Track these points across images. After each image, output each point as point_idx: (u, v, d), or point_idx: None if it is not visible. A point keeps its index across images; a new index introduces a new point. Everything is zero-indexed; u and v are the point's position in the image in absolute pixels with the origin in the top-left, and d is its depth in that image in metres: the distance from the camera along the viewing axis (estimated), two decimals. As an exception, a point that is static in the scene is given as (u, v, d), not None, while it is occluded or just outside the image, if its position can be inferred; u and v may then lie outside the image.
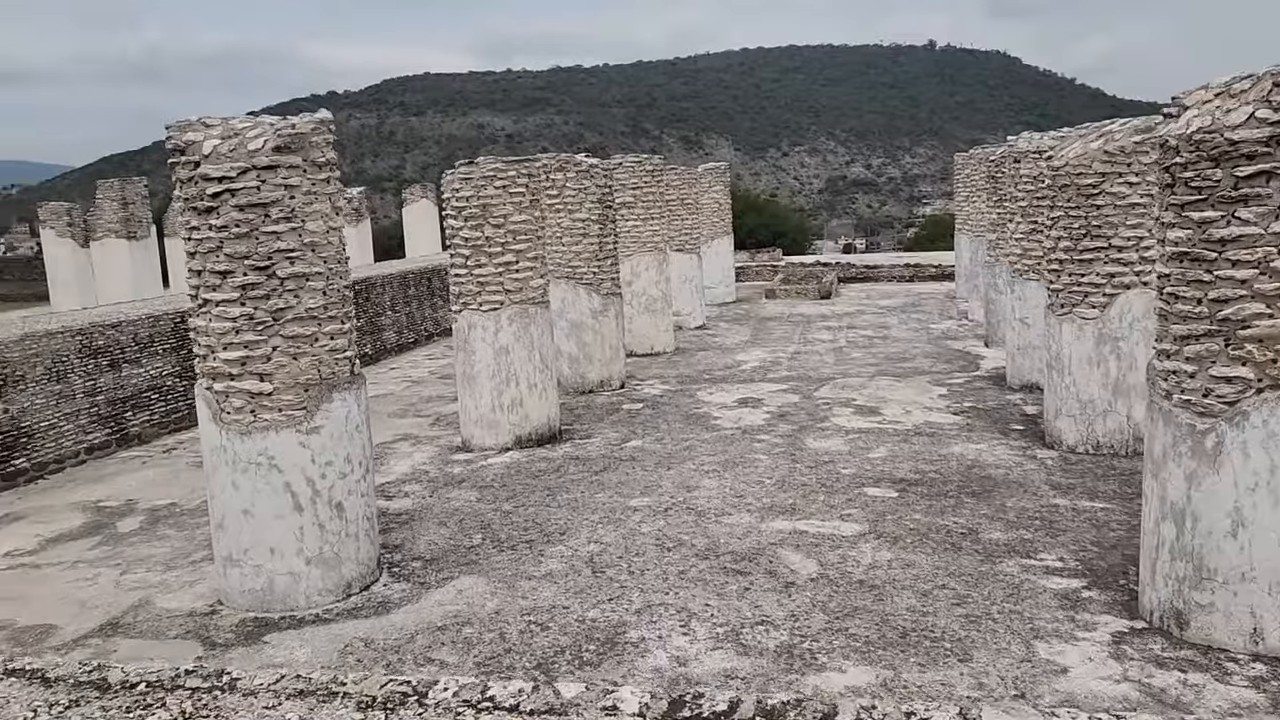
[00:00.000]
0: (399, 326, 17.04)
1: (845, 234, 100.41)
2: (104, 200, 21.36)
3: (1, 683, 2.15)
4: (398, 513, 7.73)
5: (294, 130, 5.92)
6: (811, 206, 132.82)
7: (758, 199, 48.33)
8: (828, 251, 51.24)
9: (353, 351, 6.25)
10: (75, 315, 11.76)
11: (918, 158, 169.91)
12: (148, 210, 22.14)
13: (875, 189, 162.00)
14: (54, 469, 9.45)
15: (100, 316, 11.01)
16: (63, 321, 10.62)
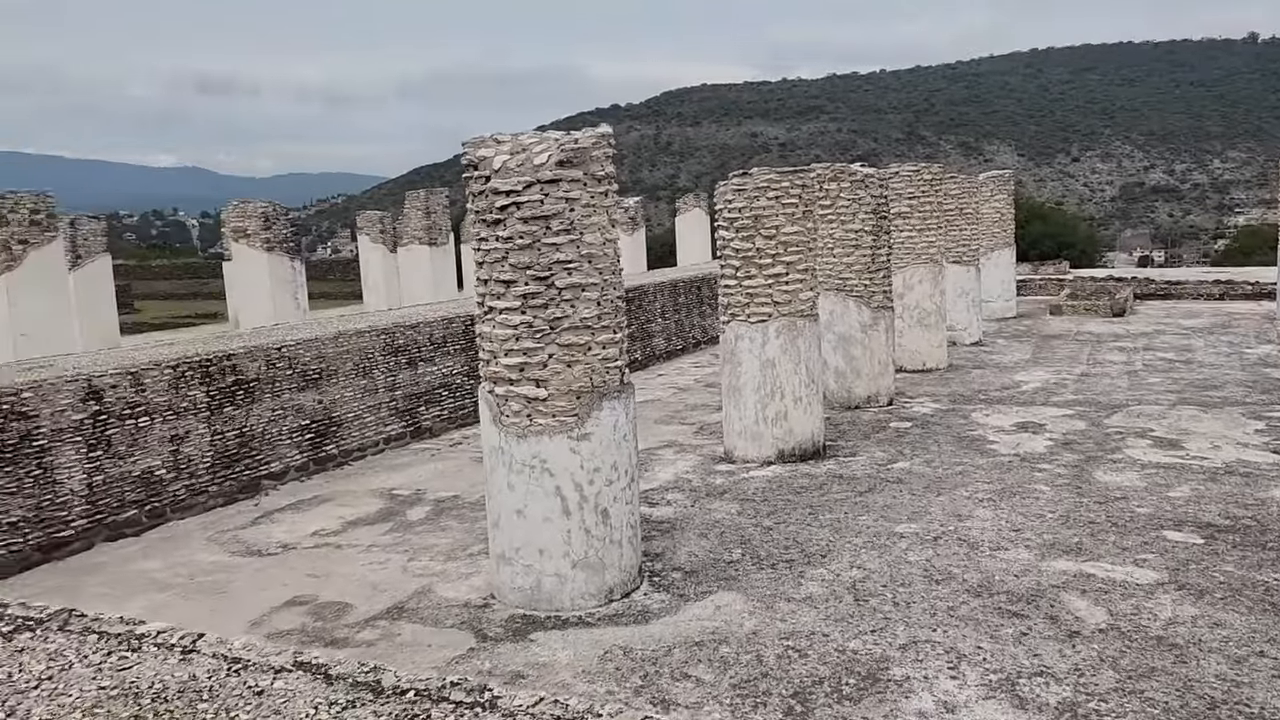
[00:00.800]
0: (668, 334, 17.38)
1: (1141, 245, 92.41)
2: (410, 209, 23.34)
3: (290, 675, 2.29)
4: (659, 520, 7.82)
5: (576, 145, 6.12)
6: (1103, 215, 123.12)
7: (1043, 207, 45.36)
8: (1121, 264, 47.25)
9: (623, 361, 6.38)
10: (381, 315, 12.88)
11: (1230, 162, 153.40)
12: (447, 219, 23.95)
13: (1177, 196, 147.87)
14: (356, 456, 10.37)
15: (401, 317, 11.98)
16: (370, 321, 11.64)
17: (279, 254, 16.72)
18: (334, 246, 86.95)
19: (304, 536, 7.90)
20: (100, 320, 18.67)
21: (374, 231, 24.47)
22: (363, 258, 25.20)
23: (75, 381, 7.73)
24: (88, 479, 7.75)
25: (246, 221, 16.60)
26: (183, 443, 8.52)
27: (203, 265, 51.16)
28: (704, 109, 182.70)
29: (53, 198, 13.68)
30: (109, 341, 17.64)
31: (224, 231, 18.69)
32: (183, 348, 9.51)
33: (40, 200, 13.54)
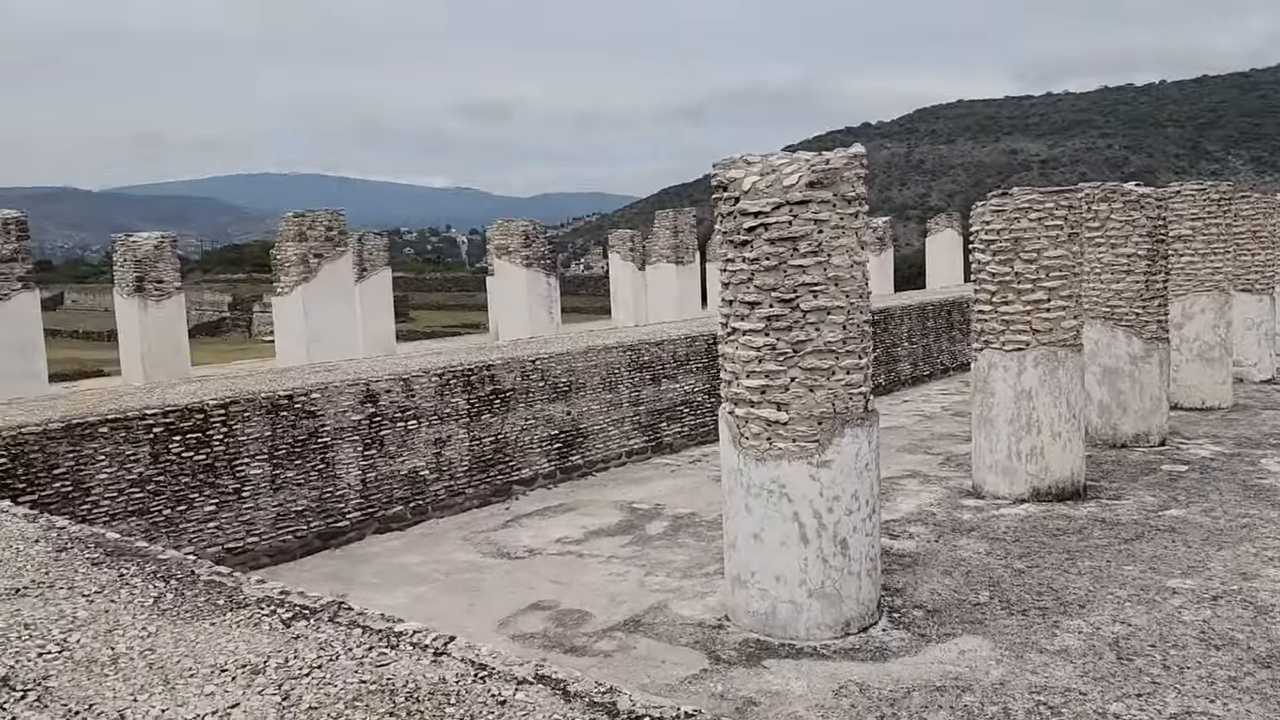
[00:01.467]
0: (914, 358, 16.82)
1: None
2: (659, 228, 23.94)
3: (531, 688, 2.38)
4: (900, 554, 7.55)
5: (827, 166, 6.05)
6: None
7: (1357, 230, 40.14)
8: None
9: (867, 387, 6.23)
10: (627, 332, 13.27)
11: None
12: (694, 238, 24.37)
13: None
14: (600, 467, 10.71)
15: (647, 334, 12.28)
16: (617, 337, 12.02)
17: (536, 270, 17.62)
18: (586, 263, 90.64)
19: (549, 543, 8.24)
20: (380, 328, 20.37)
21: (624, 249, 25.27)
22: (613, 274, 26.08)
23: (356, 385, 8.47)
24: (363, 475, 8.46)
25: (509, 239, 17.61)
26: (445, 446, 9.13)
27: (469, 279, 54.86)
28: (959, 126, 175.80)
29: (344, 216, 15.10)
30: (387, 348, 19.21)
31: (488, 248, 19.91)
32: (448, 357, 10.20)
33: (334, 218, 14.98)
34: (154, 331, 14.84)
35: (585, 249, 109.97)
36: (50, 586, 3.39)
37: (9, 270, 10.81)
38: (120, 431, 6.98)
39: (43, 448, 6.64)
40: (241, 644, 2.84)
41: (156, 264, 14.90)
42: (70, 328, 43.31)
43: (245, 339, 40.32)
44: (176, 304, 15.25)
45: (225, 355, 27.62)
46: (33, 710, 2.44)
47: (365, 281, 20.04)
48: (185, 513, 7.31)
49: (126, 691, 2.54)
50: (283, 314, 14.71)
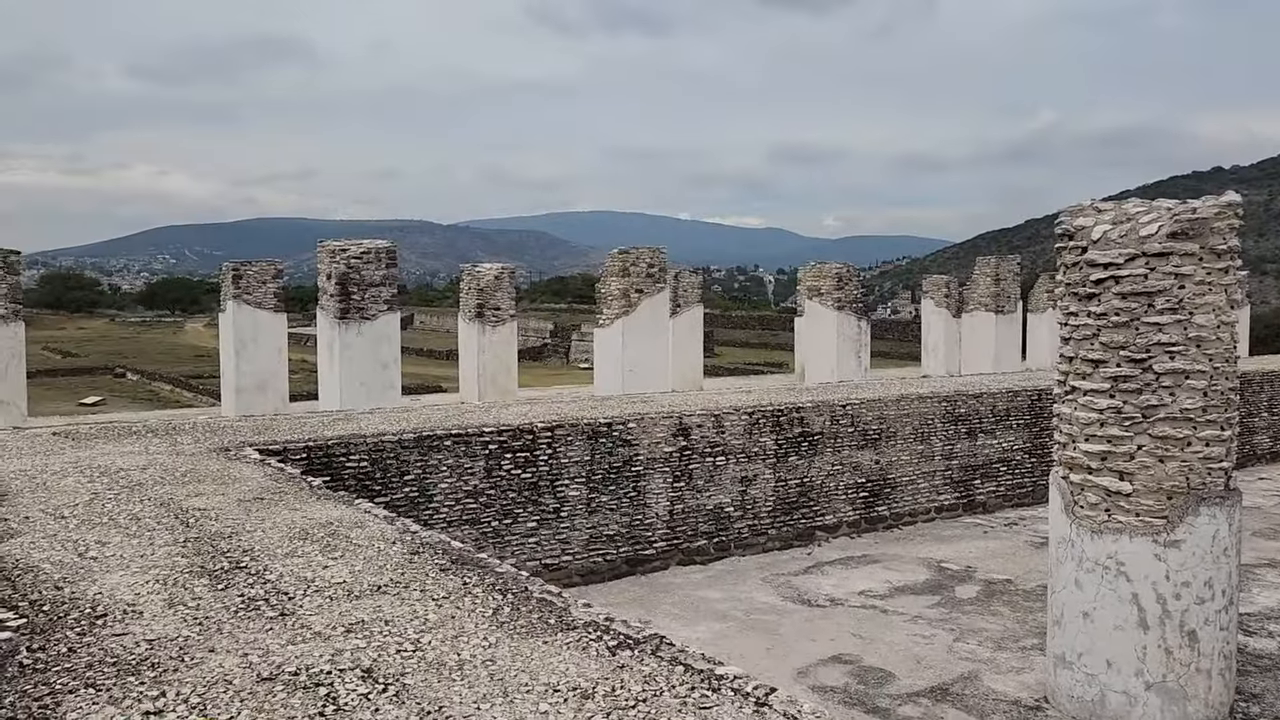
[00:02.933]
0: (1274, 432, 14.86)
1: None
2: (979, 275, 22.85)
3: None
4: (1258, 653, 6.64)
5: (1194, 215, 5.49)
6: None
7: None
8: None
9: (1229, 462, 5.56)
10: (942, 381, 12.73)
11: None
12: (1016, 286, 23.03)
13: None
14: (907, 521, 10.31)
15: (964, 385, 11.72)
16: (932, 386, 11.56)
17: (847, 313, 17.37)
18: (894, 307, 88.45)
19: (851, 594, 8.02)
20: (689, 362, 20.93)
21: (938, 295, 24.32)
22: (925, 320, 25.17)
23: (670, 418, 8.72)
24: (670, 506, 8.68)
25: (821, 281, 17.51)
26: (750, 485, 9.17)
27: (775, 318, 55.18)
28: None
29: (664, 253, 15.69)
30: (695, 382, 19.70)
31: (798, 288, 19.91)
32: (758, 396, 10.27)
33: (655, 255, 15.60)
34: (489, 353, 16.15)
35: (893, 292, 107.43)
36: (406, 587, 3.72)
37: (378, 293, 12.20)
38: (461, 445, 7.62)
39: (397, 455, 7.39)
40: (572, 666, 2.96)
41: (495, 293, 16.22)
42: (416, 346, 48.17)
43: (563, 364, 42.95)
44: (509, 329, 16.51)
45: (545, 379, 29.56)
46: (393, 704, 2.67)
47: (678, 316, 20.68)
48: (510, 526, 7.84)
49: (471, 699, 2.72)
50: (603, 344, 15.49)
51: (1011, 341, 22.20)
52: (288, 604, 3.50)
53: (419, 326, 62.69)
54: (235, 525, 4.64)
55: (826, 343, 17.25)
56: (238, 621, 3.32)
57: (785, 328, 29.22)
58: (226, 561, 4.03)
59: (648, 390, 12.83)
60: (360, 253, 12.17)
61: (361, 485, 7.14)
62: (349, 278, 12.02)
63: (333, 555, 4.15)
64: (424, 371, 33.38)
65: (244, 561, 4.03)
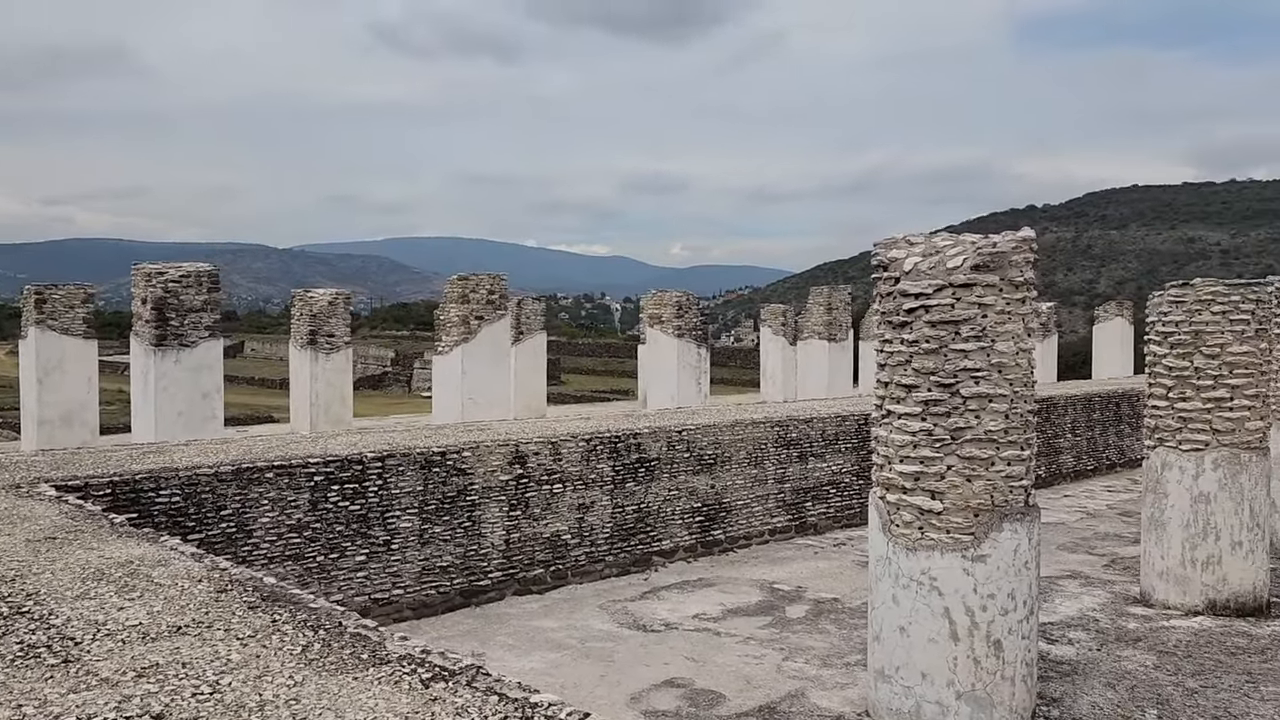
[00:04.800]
0: (1078, 452, 15.96)
1: None
2: (813, 304, 23.74)
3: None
4: (1058, 660, 7.08)
5: (994, 249, 5.86)
6: None
7: None
8: None
9: (1029, 480, 5.92)
10: (776, 407, 13.11)
11: None
12: (848, 315, 24.03)
13: None
14: (741, 544, 10.53)
15: (796, 411, 12.10)
16: (765, 412, 11.89)
17: (688, 340, 17.69)
18: (737, 335, 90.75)
19: (686, 618, 8.11)
20: (532, 389, 20.84)
21: (775, 324, 25.13)
22: (763, 348, 25.94)
23: (506, 445, 8.64)
24: (506, 535, 8.58)
25: (662, 309, 17.78)
26: (588, 512, 9.17)
27: (621, 345, 55.67)
28: (1133, 211, 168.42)
29: (505, 279, 15.60)
30: (538, 410, 19.61)
31: (642, 316, 20.16)
32: (596, 423, 10.30)
33: (495, 282, 15.50)
34: (322, 381, 15.62)
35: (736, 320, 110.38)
36: (209, 627, 3.53)
37: (199, 319, 11.62)
38: (285, 477, 7.32)
39: (214, 489, 7.02)
40: (381, 701, 2.87)
41: (329, 319, 15.74)
42: (248, 374, 46.15)
43: (405, 393, 41.98)
44: (344, 357, 16.03)
45: (385, 408, 28.80)
46: (184, 748, 2.52)
47: (521, 344, 20.59)
48: (337, 560, 7.57)
49: (270, 738, 2.60)
50: (441, 372, 15.23)
51: (844, 368, 23.08)
52: (73, 650, 3.26)
53: (250, 354, 60.08)
54: (20, 567, 4.29)
55: (667, 370, 17.50)
56: (13, 671, 3.06)
57: (632, 355, 29.53)
58: (6, 607, 3.72)
59: (488, 419, 12.68)
60: (179, 276, 11.57)
61: (173, 522, 6.75)
62: (166, 302, 11.41)
63: (129, 596, 3.89)
64: (255, 401, 31.99)
65: (26, 606, 3.73)
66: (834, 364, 22.51)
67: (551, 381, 31.10)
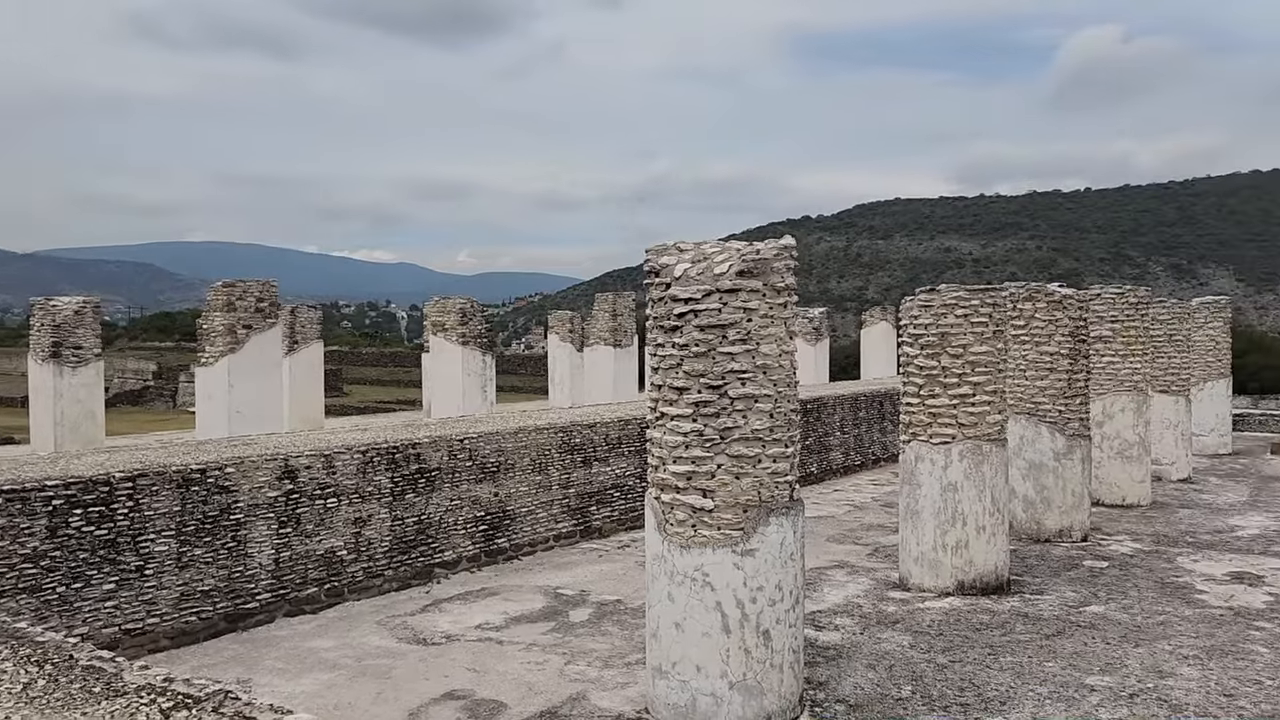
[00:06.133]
0: (846, 448, 16.94)
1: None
2: (599, 311, 24.05)
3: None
4: (825, 646, 7.47)
5: (757, 256, 6.11)
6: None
7: (1264, 338, 41.99)
8: (1361, 402, 42.81)
9: (793, 476, 6.20)
10: (560, 413, 13.16)
11: None
12: (633, 321, 24.50)
13: None
14: (526, 551, 10.49)
15: (580, 416, 12.19)
16: (549, 418, 11.90)
17: (472, 348, 17.48)
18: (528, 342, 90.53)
19: (468, 629, 7.99)
20: (309, 402, 19.97)
21: (563, 330, 25.29)
22: (551, 355, 26.04)
23: (274, 460, 8.22)
24: (276, 555, 8.16)
25: (445, 316, 17.50)
26: (365, 525, 8.87)
27: (407, 354, 54.30)
28: (896, 222, 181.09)
29: (276, 286, 14.88)
30: (314, 423, 18.80)
31: (426, 324, 19.76)
32: (374, 434, 9.98)
33: (265, 288, 14.75)
34: (69, 398, 14.36)
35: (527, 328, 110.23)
36: (-88, 669, 3.15)
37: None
38: (16, 503, 6.65)
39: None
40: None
41: (76, 329, 14.48)
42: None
43: (169, 409, 39.23)
44: (94, 371, 14.80)
45: (146, 425, 26.81)
46: None
47: (296, 354, 19.71)
48: (81, 590, 6.95)
49: (-23, 788, 2.34)
50: (206, 385, 14.34)
51: (629, 373, 23.49)
52: None
53: (-11, 370, 54.41)
54: None
55: (452, 378, 17.23)
56: None
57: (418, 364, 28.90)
58: None
59: (258, 433, 12.04)
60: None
61: (-119, 556, 5.99)
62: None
63: None
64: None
65: None
66: (620, 369, 22.89)
67: (332, 393, 29.93)
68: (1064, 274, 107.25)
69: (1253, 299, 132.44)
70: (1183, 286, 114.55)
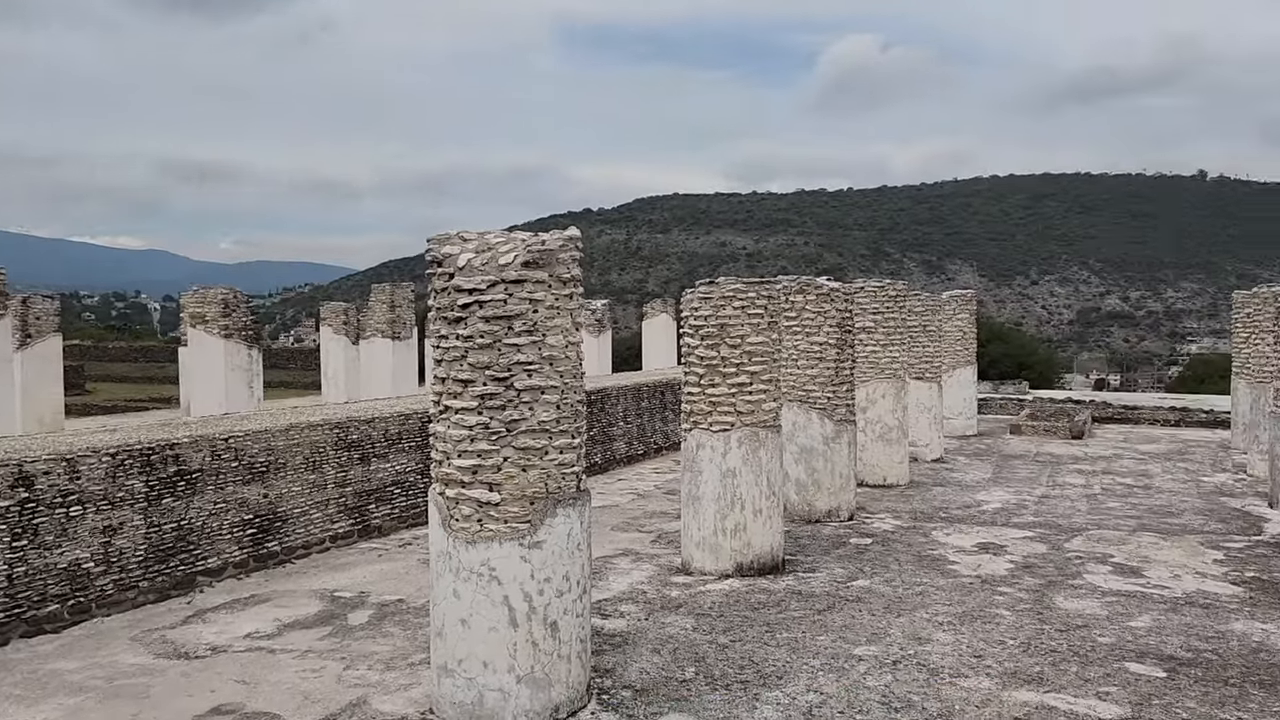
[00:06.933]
0: (630, 438, 17.21)
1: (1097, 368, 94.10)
2: (375, 302, 23.27)
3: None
4: (611, 634, 7.53)
5: (542, 246, 6.06)
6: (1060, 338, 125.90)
7: (1003, 328, 46.25)
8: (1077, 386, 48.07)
9: (580, 467, 6.20)
10: (336, 409, 12.61)
11: (1182, 292, 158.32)
12: (412, 313, 23.87)
13: (1132, 323, 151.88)
14: (300, 554, 9.98)
15: (357, 411, 11.72)
16: (324, 414, 11.37)
17: (237, 341, 16.47)
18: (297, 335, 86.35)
19: (236, 639, 7.50)
20: (45, 401, 18.19)
21: (336, 322, 24.30)
22: (324, 348, 24.97)
23: (4, 466, 7.38)
24: (9, 570, 7.34)
25: (205, 307, 16.38)
26: (116, 535, 8.14)
27: (161, 348, 50.48)
28: (675, 217, 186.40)
29: (4, 273, 13.41)
30: (52, 424, 17.14)
31: (183, 316, 18.44)
32: (125, 434, 9.19)
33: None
34: None
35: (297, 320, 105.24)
36: None
37: None
38: None
39: None
40: None
41: None
42: None
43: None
44: None
45: None
46: None
47: (28, 349, 17.90)
48: None
49: None
50: (-76, 383, 12.75)
51: (409, 366, 22.90)
52: None
53: None
54: None
55: (214, 374, 16.17)
56: None
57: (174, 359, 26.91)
58: None
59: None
60: None
61: None
62: None
63: None
64: None
65: None
66: (399, 362, 22.27)
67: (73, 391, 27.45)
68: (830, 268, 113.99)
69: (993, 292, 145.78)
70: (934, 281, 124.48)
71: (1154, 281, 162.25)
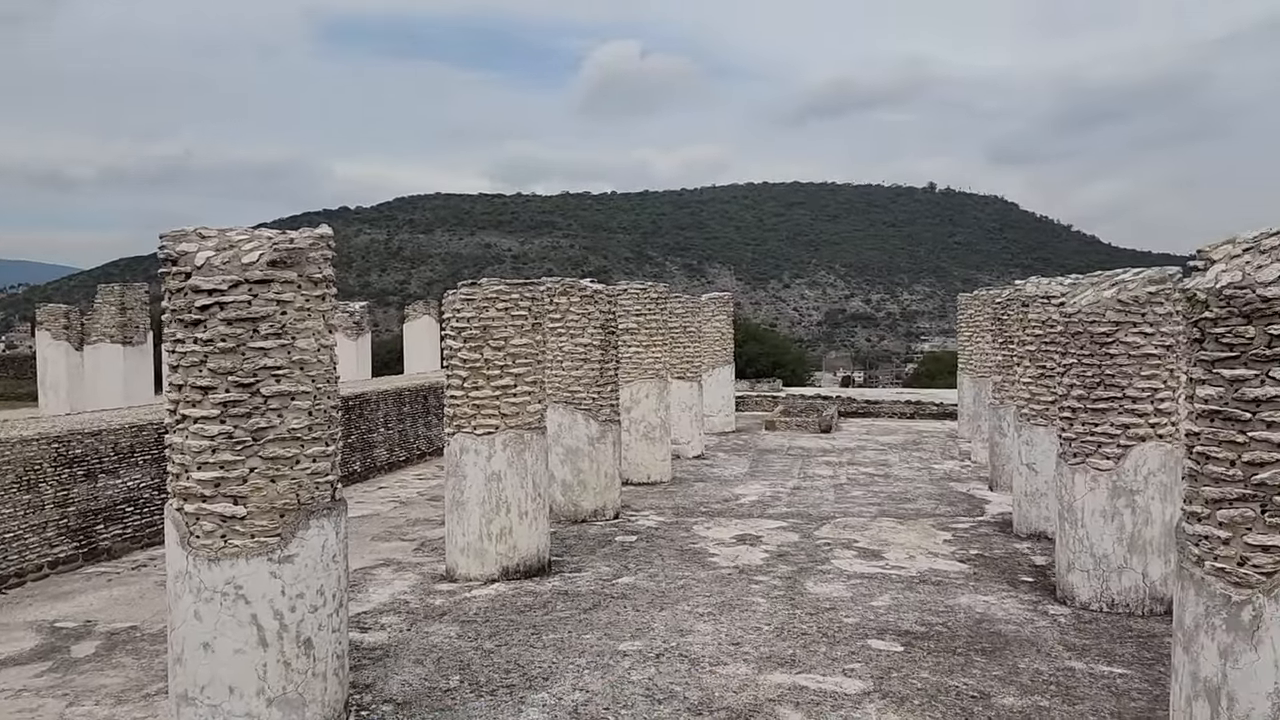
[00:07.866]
0: (391, 444, 16.70)
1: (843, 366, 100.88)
2: (103, 304, 21.33)
3: None
4: (371, 647, 7.26)
5: (291, 245, 5.74)
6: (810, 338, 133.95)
7: (758, 329, 48.59)
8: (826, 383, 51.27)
9: (334, 475, 5.93)
10: (55, 421, 11.45)
11: (916, 294, 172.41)
12: (146, 316, 22.07)
13: (874, 323, 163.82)
14: (13, 584, 8.98)
15: (80, 424, 10.69)
16: (40, 427, 10.29)
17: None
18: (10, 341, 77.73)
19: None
20: None
21: (56, 327, 22.09)
22: (41, 355, 22.63)
23: None
24: None
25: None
26: None
27: None
28: (438, 217, 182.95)
29: None
30: None
31: None
32: None
33: None
34: None
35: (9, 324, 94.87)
36: None
37: None
38: None
39: None
40: None
41: None
42: None
43: None
44: None
45: None
46: None
47: None
48: None
49: None
50: None
51: (143, 374, 21.18)
52: None
53: None
54: None
55: (-91, 384, 14.27)
56: None
57: None
58: None
59: None
60: None
61: None
62: None
63: None
64: None
65: None
66: (131, 369, 20.56)
67: None
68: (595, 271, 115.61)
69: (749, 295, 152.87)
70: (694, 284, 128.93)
71: (892, 285, 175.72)
